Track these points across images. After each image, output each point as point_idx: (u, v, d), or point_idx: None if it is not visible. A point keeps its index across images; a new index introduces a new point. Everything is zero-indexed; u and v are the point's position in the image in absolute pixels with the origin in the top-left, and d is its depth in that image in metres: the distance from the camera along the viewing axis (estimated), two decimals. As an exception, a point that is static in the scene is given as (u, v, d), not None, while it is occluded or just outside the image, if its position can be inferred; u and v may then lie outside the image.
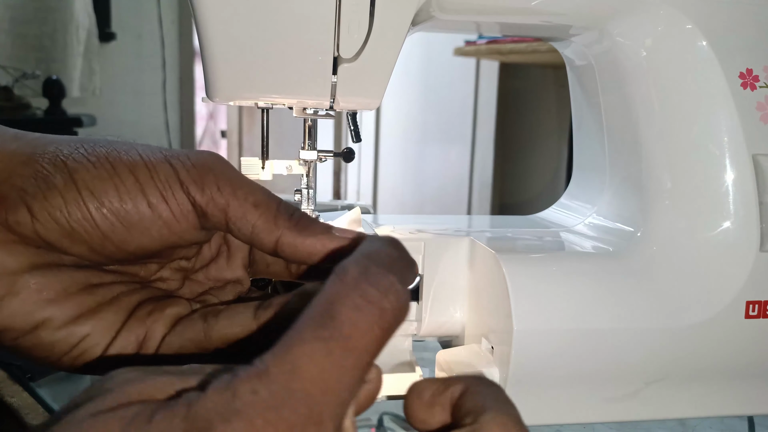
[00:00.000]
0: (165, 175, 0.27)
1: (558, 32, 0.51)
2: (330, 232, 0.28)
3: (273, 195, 0.29)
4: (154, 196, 0.27)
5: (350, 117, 0.48)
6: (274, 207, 0.28)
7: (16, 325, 0.27)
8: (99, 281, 0.30)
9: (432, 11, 0.45)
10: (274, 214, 0.28)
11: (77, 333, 0.28)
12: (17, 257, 0.27)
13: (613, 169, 0.52)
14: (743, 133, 0.44)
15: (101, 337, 0.29)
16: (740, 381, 0.44)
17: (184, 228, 0.28)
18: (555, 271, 0.43)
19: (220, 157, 0.29)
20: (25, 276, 0.27)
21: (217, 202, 0.28)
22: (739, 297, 0.43)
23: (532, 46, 1.54)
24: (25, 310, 0.27)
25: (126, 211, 0.27)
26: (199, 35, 0.41)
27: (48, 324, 0.28)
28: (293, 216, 0.28)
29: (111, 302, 0.30)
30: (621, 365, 0.42)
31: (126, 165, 0.27)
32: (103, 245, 0.28)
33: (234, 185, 0.28)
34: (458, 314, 0.50)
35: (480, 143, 2.20)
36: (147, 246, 0.28)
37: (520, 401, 0.41)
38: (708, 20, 0.45)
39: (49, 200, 0.26)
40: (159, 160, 0.28)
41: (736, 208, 0.44)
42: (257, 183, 0.29)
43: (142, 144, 0.29)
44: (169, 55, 2.55)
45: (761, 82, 0.44)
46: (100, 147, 0.28)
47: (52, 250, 0.27)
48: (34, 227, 0.26)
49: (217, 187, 0.28)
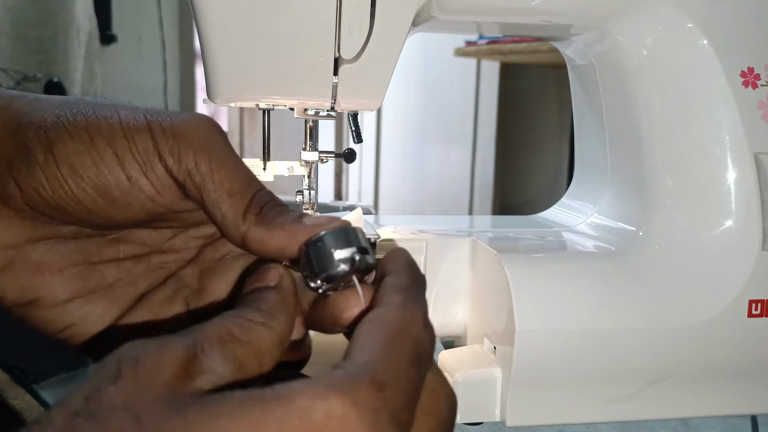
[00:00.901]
0: (143, 147, 0.26)
1: (559, 32, 0.51)
2: (300, 222, 0.26)
3: (252, 182, 0.27)
4: (133, 170, 0.26)
5: (351, 118, 0.48)
6: (248, 198, 0.26)
7: (8, 297, 0.27)
8: (100, 258, 0.29)
9: (432, 12, 0.45)
10: (245, 207, 0.26)
11: (70, 314, 0.28)
12: (13, 230, 0.26)
13: (614, 169, 0.52)
14: (744, 132, 0.44)
15: (97, 320, 0.28)
16: (743, 380, 0.44)
17: (169, 200, 0.27)
18: (557, 271, 0.43)
19: (207, 123, 0.27)
20: (24, 249, 0.27)
21: (193, 179, 0.26)
22: (741, 296, 0.43)
23: (533, 46, 1.54)
24: (18, 285, 0.27)
25: (105, 186, 0.26)
26: (200, 37, 0.41)
27: (40, 303, 0.27)
28: (262, 210, 0.26)
29: (112, 287, 0.29)
30: (623, 365, 0.42)
31: (104, 136, 0.26)
32: (90, 218, 0.27)
33: (213, 164, 0.26)
34: (460, 315, 0.49)
35: (481, 143, 2.20)
36: (135, 217, 0.27)
37: (523, 401, 0.41)
38: (709, 19, 0.45)
39: (32, 175, 0.25)
40: (139, 128, 0.26)
41: (737, 206, 0.44)
42: (241, 163, 0.27)
43: (127, 107, 0.27)
44: (170, 57, 2.55)
45: (762, 81, 0.44)
46: (81, 115, 0.26)
47: (49, 222, 0.27)
48: (24, 200, 0.26)
49: (195, 163, 0.26)
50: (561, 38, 0.53)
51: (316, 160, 0.49)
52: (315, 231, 0.25)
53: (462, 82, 2.21)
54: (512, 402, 0.41)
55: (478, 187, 2.23)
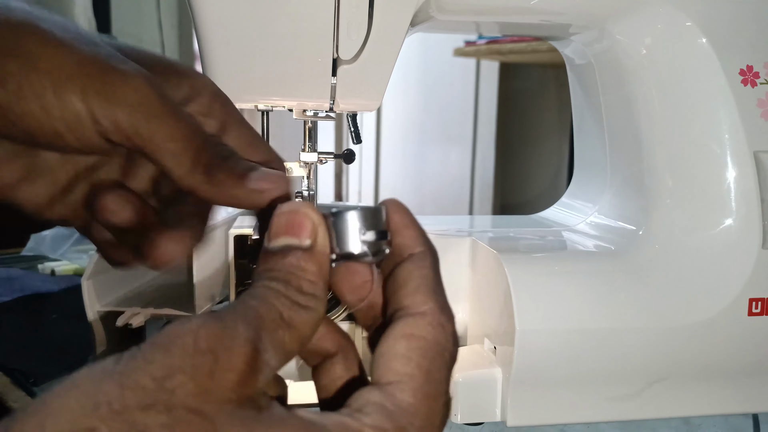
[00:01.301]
0: (58, 73, 0.23)
1: (558, 31, 0.51)
2: (244, 183, 0.24)
3: (193, 136, 0.25)
4: (61, 127, 0.23)
5: (350, 118, 0.48)
6: (191, 156, 0.24)
7: None
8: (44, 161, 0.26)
9: (431, 12, 0.44)
10: (190, 165, 0.24)
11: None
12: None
13: (614, 168, 0.51)
14: (744, 131, 0.44)
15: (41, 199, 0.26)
16: (744, 379, 0.44)
17: (81, 140, 0.24)
18: (557, 271, 0.43)
19: (142, 81, 0.24)
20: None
21: (133, 142, 0.24)
22: (741, 294, 0.43)
23: (532, 45, 1.54)
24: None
25: (5, 107, 0.23)
26: (198, 38, 0.41)
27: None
28: (209, 167, 0.24)
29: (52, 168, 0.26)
30: (624, 364, 0.42)
31: (9, 52, 0.23)
32: (10, 132, 0.24)
33: (151, 125, 0.23)
34: (460, 315, 0.49)
35: (481, 143, 2.20)
36: (54, 144, 0.24)
37: (524, 401, 0.41)
38: (707, 18, 0.44)
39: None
40: (61, 49, 0.23)
41: (737, 205, 0.44)
42: (180, 116, 0.25)
43: (68, 25, 0.24)
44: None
45: (761, 79, 0.44)
46: (12, 18, 0.23)
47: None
48: None
49: (132, 126, 0.23)
50: (560, 38, 0.53)
51: (315, 161, 0.49)
52: (258, 193, 0.25)
53: (461, 82, 2.22)
54: (513, 402, 0.41)
55: (478, 187, 2.23)
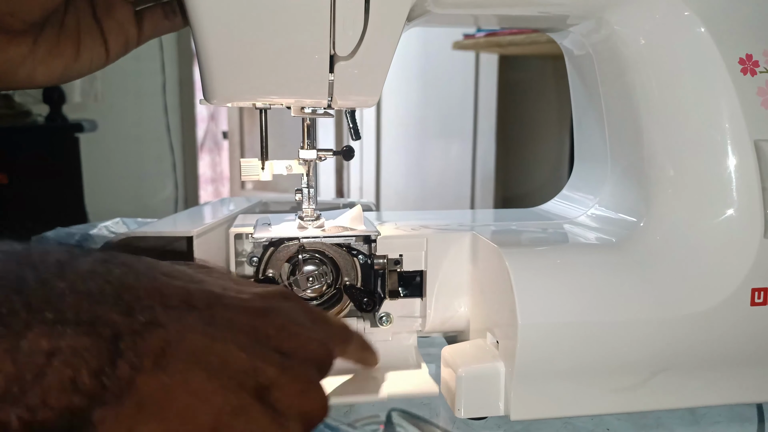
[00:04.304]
0: None
1: (555, 23, 0.51)
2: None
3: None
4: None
5: (349, 115, 0.48)
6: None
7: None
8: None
9: (427, 6, 0.44)
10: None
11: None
12: None
13: (614, 159, 0.51)
14: (744, 119, 0.43)
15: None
16: (748, 369, 0.44)
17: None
18: (558, 264, 0.43)
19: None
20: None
21: None
22: (744, 284, 0.43)
23: (531, 37, 1.54)
24: None
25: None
26: (194, 37, 0.41)
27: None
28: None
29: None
30: (627, 356, 0.42)
31: None
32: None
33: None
34: (462, 309, 0.49)
35: (481, 137, 2.20)
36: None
37: (528, 395, 0.41)
38: (706, 6, 0.44)
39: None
40: None
41: (739, 195, 0.43)
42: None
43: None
44: (168, 58, 2.55)
45: (761, 67, 0.44)
46: None
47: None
48: None
49: None
50: (558, 29, 0.53)
51: (314, 158, 0.49)
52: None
53: (461, 76, 2.21)
54: (516, 396, 0.41)
55: (480, 181, 2.23)
